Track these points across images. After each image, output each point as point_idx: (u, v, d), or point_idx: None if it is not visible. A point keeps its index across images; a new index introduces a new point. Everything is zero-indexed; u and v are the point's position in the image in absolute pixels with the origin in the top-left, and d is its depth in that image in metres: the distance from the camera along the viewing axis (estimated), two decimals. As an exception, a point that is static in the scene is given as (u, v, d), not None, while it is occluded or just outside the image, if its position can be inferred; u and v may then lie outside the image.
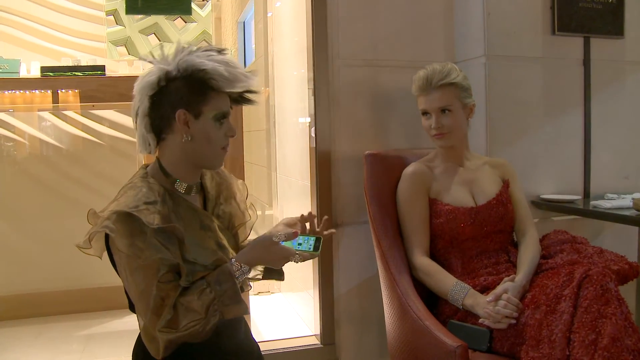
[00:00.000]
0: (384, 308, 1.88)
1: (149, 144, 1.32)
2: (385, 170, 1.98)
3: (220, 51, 1.34)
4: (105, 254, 1.30)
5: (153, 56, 1.33)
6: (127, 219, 1.19)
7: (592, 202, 2.18)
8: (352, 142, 2.26)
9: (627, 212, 2.01)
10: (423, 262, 1.80)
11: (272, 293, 3.28)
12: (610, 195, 2.33)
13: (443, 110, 1.85)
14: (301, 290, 2.78)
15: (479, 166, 1.95)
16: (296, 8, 2.71)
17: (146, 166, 1.38)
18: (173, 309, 1.20)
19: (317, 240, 1.39)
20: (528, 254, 1.78)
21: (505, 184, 1.92)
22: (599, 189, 2.42)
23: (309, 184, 2.39)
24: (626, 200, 2.11)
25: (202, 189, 1.43)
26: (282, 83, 3.20)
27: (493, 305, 1.58)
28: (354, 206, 2.25)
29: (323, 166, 2.25)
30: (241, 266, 1.29)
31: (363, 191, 2.03)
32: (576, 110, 2.42)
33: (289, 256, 1.33)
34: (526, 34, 2.34)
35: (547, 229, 1.99)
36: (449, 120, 1.85)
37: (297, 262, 1.36)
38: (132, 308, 1.30)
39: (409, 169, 1.93)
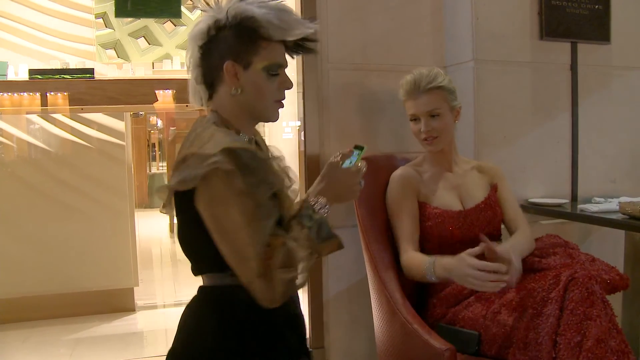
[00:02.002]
0: (373, 311, 1.88)
1: (201, 97, 1.28)
2: (374, 174, 1.98)
3: None
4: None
5: (207, 3, 1.27)
6: (236, 155, 1.10)
7: (580, 206, 2.20)
8: (341, 145, 2.26)
9: (613, 216, 2.03)
10: (410, 254, 1.79)
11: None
12: (597, 199, 2.35)
13: (432, 115, 1.85)
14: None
15: (467, 171, 1.96)
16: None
17: (203, 118, 1.29)
18: (285, 247, 1.11)
19: (360, 148, 1.36)
20: (517, 237, 1.83)
21: (493, 188, 1.92)
22: (587, 193, 2.45)
23: (298, 188, 2.39)
24: (613, 204, 2.13)
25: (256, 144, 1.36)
26: None
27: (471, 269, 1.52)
28: (343, 210, 2.25)
29: (312, 170, 2.25)
30: (317, 200, 1.25)
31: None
32: (564, 114, 2.44)
33: (355, 176, 1.30)
34: (514, 38, 2.35)
35: (535, 233, 2.00)
36: (438, 124, 1.85)
37: (361, 185, 1.32)
38: (199, 269, 1.25)
39: (397, 172, 1.94)
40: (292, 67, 2.42)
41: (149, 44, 3.57)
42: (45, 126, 2.89)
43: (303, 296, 2.33)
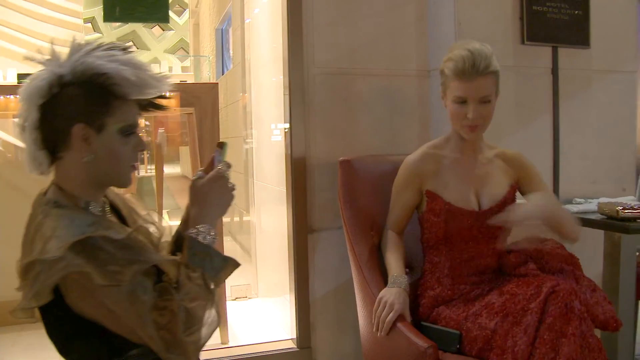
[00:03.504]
0: (358, 311, 1.91)
1: (40, 164, 1.13)
2: (359, 176, 2.02)
3: (125, 49, 1.15)
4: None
5: (42, 55, 1.12)
6: (86, 248, 1.01)
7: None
8: (327, 148, 2.30)
9: (592, 216, 2.08)
10: (388, 234, 1.83)
11: (249, 298, 3.30)
12: (578, 200, 2.40)
13: (483, 101, 1.69)
14: (278, 295, 2.81)
15: (490, 159, 1.83)
16: (273, 15, 2.75)
17: (44, 194, 1.16)
18: (181, 310, 1.05)
19: (221, 146, 1.25)
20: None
21: (514, 186, 1.82)
22: (568, 194, 2.49)
23: (285, 191, 2.43)
24: (592, 205, 2.18)
25: (112, 208, 1.25)
26: (259, 90, 3.23)
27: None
28: (329, 212, 2.28)
29: (298, 172, 2.28)
30: (198, 229, 1.13)
31: (337, 197, 2.07)
32: (545, 117, 2.49)
33: (220, 181, 1.16)
34: (497, 43, 2.39)
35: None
36: (487, 111, 1.71)
37: (227, 175, 1.19)
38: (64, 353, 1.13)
39: (411, 158, 1.84)
40: (279, 70, 2.46)
41: (137, 48, 3.60)
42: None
43: (290, 297, 2.36)
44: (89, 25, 3.29)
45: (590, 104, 2.57)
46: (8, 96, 2.86)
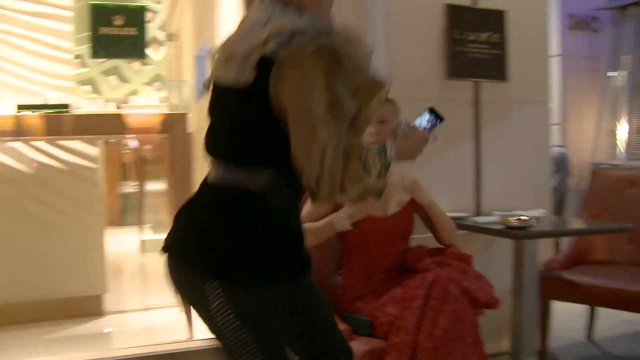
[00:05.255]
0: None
1: None
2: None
3: None
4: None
5: None
6: (339, 39, 1.16)
7: (472, 218, 2.64)
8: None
9: (497, 227, 2.47)
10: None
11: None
12: (496, 213, 2.78)
13: (380, 120, 2.07)
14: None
15: (395, 180, 2.19)
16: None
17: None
18: (360, 151, 1.18)
19: (436, 116, 1.47)
20: None
21: (411, 201, 2.20)
22: (489, 208, 2.86)
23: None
24: (496, 217, 2.57)
25: None
26: None
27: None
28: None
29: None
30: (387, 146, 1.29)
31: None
32: (469, 142, 2.87)
33: (421, 142, 1.38)
34: (424, 79, 2.78)
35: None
36: (384, 131, 2.05)
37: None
38: (228, 156, 1.25)
39: None
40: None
41: (120, 81, 4.00)
42: (23, 150, 3.23)
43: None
44: (78, 60, 3.71)
45: (508, 130, 2.96)
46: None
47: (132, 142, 5.08)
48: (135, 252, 5.18)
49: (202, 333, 2.94)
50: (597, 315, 3.13)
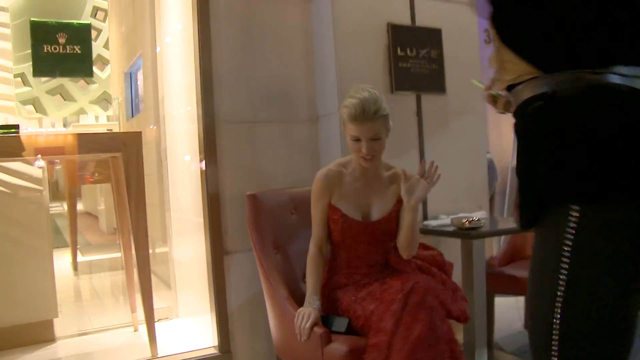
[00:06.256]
0: (267, 312, 2.37)
1: None
2: (263, 207, 2.49)
3: None
4: None
5: None
6: None
7: (424, 222, 2.82)
8: (236, 184, 2.75)
9: (449, 229, 2.66)
10: (311, 252, 2.21)
11: (170, 319, 3.63)
12: (442, 216, 2.99)
13: (374, 139, 2.08)
14: (198, 314, 3.19)
15: (384, 180, 2.23)
16: (184, 59, 3.17)
17: None
18: None
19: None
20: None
21: (400, 201, 2.19)
22: (435, 212, 3.07)
23: (202, 221, 2.85)
24: (448, 220, 2.76)
25: None
26: (173, 125, 3.60)
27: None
28: (241, 236, 2.73)
29: (213, 205, 2.71)
30: None
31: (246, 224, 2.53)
32: (413, 150, 3.07)
33: None
34: (371, 93, 2.96)
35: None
36: (379, 146, 2.10)
37: None
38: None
39: (321, 172, 2.22)
40: (193, 118, 2.90)
41: (65, 100, 3.91)
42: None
43: (210, 312, 2.77)
44: (19, 80, 3.57)
45: (449, 138, 3.18)
46: None
47: (39, 162, 4.91)
48: (70, 275, 5.03)
49: (166, 350, 2.96)
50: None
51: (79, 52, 3.01)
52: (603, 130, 0.97)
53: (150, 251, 4.90)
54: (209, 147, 2.72)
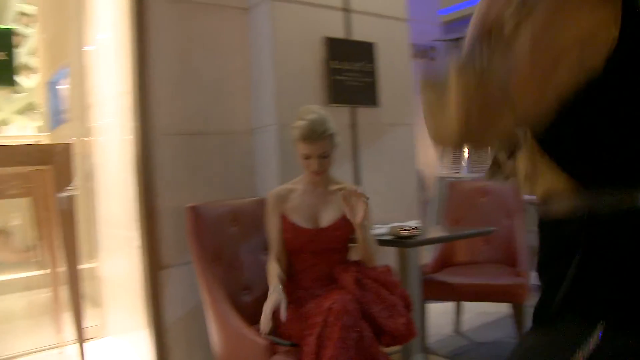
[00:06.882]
0: (210, 326, 2.34)
1: None
2: (204, 219, 2.46)
3: None
4: None
5: None
6: None
7: (362, 232, 2.87)
8: (172, 197, 2.70)
9: (387, 237, 2.71)
10: (271, 264, 2.29)
11: (99, 338, 3.49)
12: (377, 226, 3.04)
13: (323, 156, 2.27)
14: (130, 330, 3.09)
15: (333, 192, 2.33)
16: (116, 66, 3.09)
17: None
18: None
19: None
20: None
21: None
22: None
23: (135, 235, 2.77)
24: (385, 229, 2.82)
25: None
26: (103, 137, 3.47)
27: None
28: (177, 250, 2.68)
29: (149, 218, 2.65)
30: None
31: (185, 237, 2.48)
32: (348, 162, 3.13)
33: None
34: (307, 105, 2.98)
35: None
36: (327, 163, 2.30)
37: None
38: None
39: (272, 190, 2.39)
40: (126, 130, 2.82)
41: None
42: None
43: (146, 328, 2.69)
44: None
45: (382, 150, 3.27)
46: None
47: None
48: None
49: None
50: (462, 310, 3.54)
51: (1, 59, 2.86)
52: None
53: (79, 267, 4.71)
54: (145, 159, 2.66)
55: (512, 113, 0.91)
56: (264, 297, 2.35)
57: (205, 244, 2.40)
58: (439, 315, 3.58)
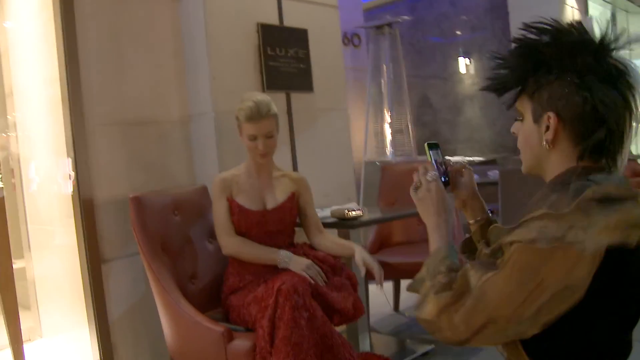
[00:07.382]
0: (160, 317, 2.31)
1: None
2: (147, 209, 2.42)
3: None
4: None
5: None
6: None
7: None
8: (111, 188, 2.62)
9: (329, 220, 2.77)
10: (233, 240, 2.32)
11: (33, 341, 3.35)
12: (316, 209, 3.09)
13: (268, 136, 2.31)
14: (68, 331, 2.99)
15: (277, 178, 2.46)
16: (41, 56, 2.95)
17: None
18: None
19: (432, 146, 1.33)
20: (335, 238, 2.52)
21: (292, 195, 2.44)
22: (309, 206, 3.17)
23: (70, 230, 2.67)
24: (327, 212, 2.88)
25: None
26: (29, 131, 3.32)
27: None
28: (119, 242, 2.61)
29: (87, 212, 2.55)
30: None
31: (125, 228, 2.43)
32: (285, 148, 3.15)
33: (437, 191, 1.22)
34: (243, 91, 2.97)
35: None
36: (272, 143, 2.34)
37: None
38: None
39: (217, 175, 2.44)
40: (57, 122, 2.71)
41: None
42: None
43: (89, 325, 2.61)
44: None
45: (317, 135, 3.31)
46: None
47: None
48: None
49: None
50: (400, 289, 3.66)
51: None
52: None
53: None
54: (80, 150, 2.57)
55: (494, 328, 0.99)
56: (210, 285, 2.37)
57: (151, 234, 2.36)
58: (377, 295, 3.68)
